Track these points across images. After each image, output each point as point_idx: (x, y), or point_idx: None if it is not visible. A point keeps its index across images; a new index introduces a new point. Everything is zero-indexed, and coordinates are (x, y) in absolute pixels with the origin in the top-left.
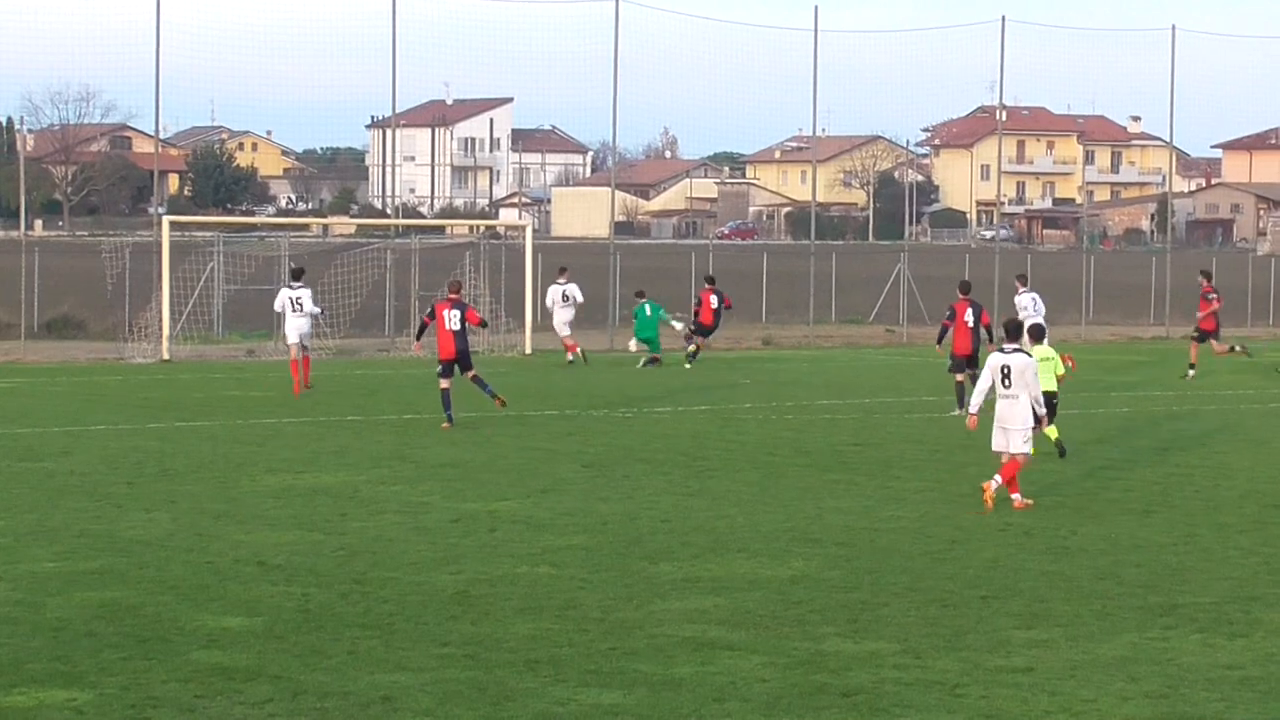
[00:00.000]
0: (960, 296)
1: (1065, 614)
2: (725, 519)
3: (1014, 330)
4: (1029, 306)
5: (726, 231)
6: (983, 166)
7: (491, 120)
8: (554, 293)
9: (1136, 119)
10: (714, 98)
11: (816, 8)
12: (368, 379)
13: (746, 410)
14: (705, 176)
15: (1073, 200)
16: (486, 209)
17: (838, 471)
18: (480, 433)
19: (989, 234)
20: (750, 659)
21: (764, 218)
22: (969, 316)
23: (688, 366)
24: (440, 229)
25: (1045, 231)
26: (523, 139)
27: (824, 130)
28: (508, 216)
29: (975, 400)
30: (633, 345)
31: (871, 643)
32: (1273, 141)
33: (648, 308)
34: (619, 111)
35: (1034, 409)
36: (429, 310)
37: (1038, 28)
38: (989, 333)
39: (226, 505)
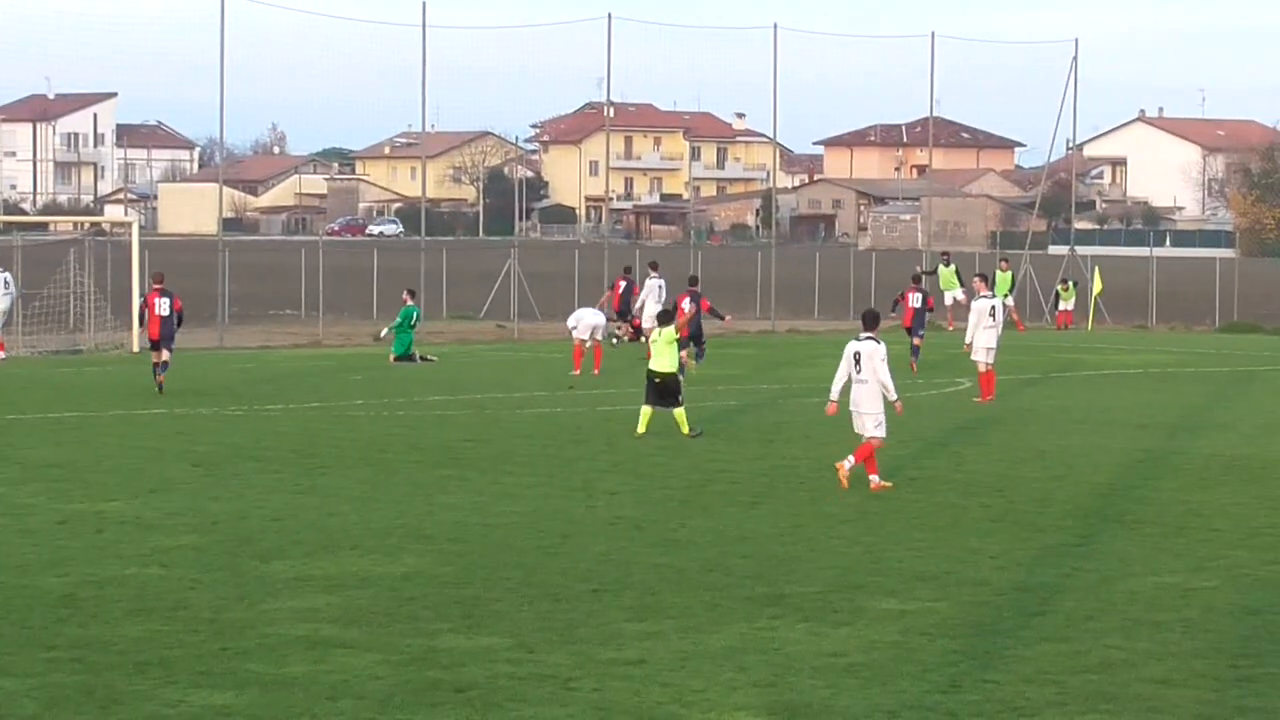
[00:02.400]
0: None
1: (676, 606)
2: (337, 516)
3: (869, 319)
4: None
5: (336, 228)
6: (591, 163)
7: (95, 115)
8: None
9: (741, 116)
10: (323, 94)
11: (425, 4)
12: None
13: (358, 407)
14: (315, 173)
15: (680, 196)
16: (91, 205)
17: (450, 468)
18: (86, 432)
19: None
20: (364, 656)
21: (374, 214)
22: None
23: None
24: (43, 226)
25: (653, 227)
26: (128, 134)
27: (433, 126)
28: (113, 213)
29: (835, 387)
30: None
31: (485, 638)
32: (872, 139)
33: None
34: (227, 107)
35: (884, 394)
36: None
37: (644, 25)
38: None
39: None
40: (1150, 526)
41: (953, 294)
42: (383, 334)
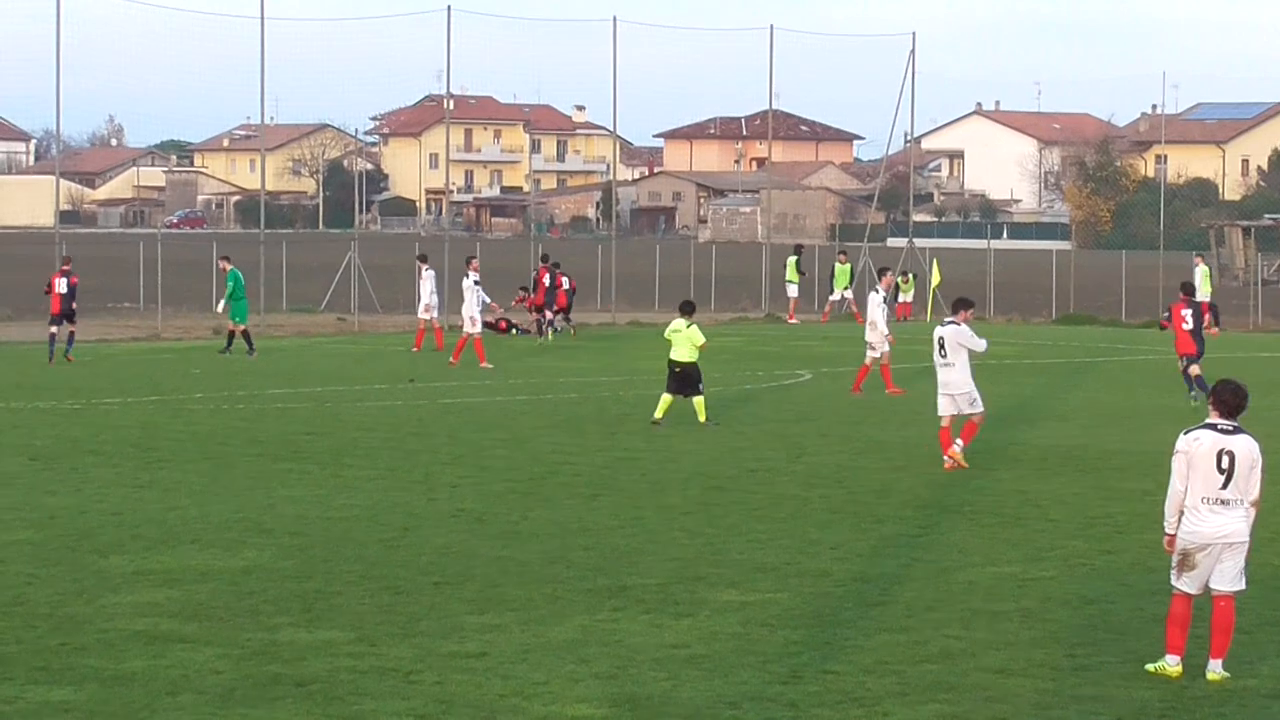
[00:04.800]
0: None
1: (517, 598)
2: (177, 510)
3: (956, 304)
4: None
5: (175, 220)
6: (431, 155)
7: None
8: None
9: (581, 108)
10: (161, 85)
11: None
12: None
13: (197, 400)
14: (153, 165)
15: (520, 189)
16: None
17: (290, 461)
18: None
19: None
20: (204, 651)
21: (213, 206)
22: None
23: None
24: None
25: (494, 220)
26: None
27: (272, 118)
28: None
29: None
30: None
31: (325, 631)
32: (711, 131)
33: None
34: (63, 99)
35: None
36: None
37: (484, 17)
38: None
39: None
40: (988, 517)
41: (797, 286)
42: (219, 308)
